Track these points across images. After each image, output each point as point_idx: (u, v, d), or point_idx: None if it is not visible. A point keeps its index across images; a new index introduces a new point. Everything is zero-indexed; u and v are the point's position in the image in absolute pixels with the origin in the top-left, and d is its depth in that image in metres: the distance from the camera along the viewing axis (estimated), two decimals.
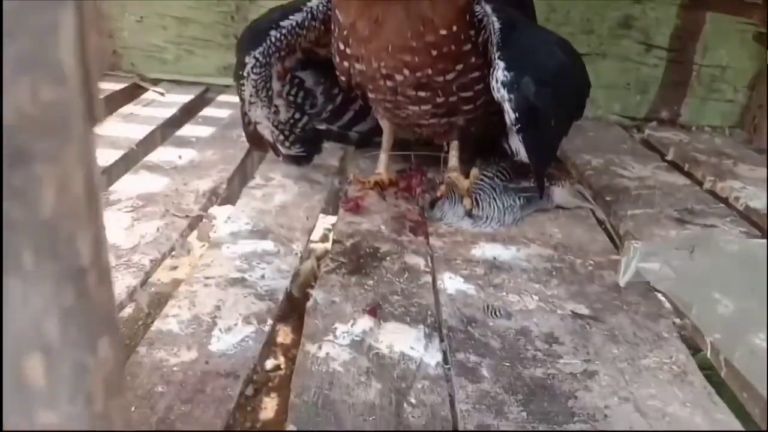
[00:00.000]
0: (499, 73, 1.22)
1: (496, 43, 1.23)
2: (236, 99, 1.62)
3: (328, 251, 1.45)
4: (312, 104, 1.69)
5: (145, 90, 2.42)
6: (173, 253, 1.26)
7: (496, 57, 1.23)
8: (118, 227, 1.30)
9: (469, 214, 1.41)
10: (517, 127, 1.25)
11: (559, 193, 1.54)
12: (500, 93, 1.23)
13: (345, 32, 1.34)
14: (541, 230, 1.43)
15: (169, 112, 2.16)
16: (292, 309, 1.14)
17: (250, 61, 1.44)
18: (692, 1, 2.40)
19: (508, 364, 0.95)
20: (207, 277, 1.13)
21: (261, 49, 1.43)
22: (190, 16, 2.48)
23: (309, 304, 1.06)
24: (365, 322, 1.01)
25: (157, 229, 1.30)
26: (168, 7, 2.47)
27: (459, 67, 1.33)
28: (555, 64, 1.27)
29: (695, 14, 2.42)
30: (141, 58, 2.54)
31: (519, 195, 1.47)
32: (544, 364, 0.96)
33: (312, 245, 1.73)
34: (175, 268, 1.29)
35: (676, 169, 2.01)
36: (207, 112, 2.19)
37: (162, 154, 1.75)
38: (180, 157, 1.72)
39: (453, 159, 1.51)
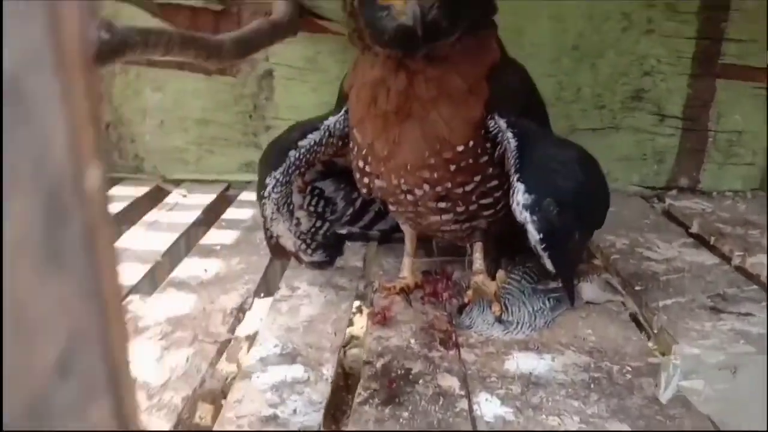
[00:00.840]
0: (520, 196, 1.23)
1: (514, 165, 1.24)
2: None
3: None
4: (332, 210, 1.71)
5: (168, 192, 2.47)
6: (204, 385, 1.26)
7: (515, 179, 1.24)
8: (149, 359, 1.30)
9: (499, 320, 1.40)
10: (542, 246, 1.25)
11: (588, 289, 1.53)
12: (522, 215, 1.24)
13: (364, 151, 1.37)
14: (573, 332, 1.41)
15: (192, 216, 2.19)
16: None
17: (270, 181, 1.47)
18: (702, 70, 2.42)
19: None
20: (239, 416, 1.12)
21: (281, 169, 1.46)
22: (209, 117, 2.55)
23: None
24: None
25: (187, 359, 1.30)
26: (187, 111, 2.55)
27: (477, 178, 1.34)
28: (575, 184, 1.28)
29: (706, 82, 2.44)
30: (163, 161, 2.61)
31: (548, 296, 1.45)
32: None
33: None
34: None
35: (702, 244, 1.98)
36: (229, 214, 2.22)
37: (188, 267, 1.76)
38: (206, 270, 1.73)
39: (477, 262, 1.51)
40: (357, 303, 1.75)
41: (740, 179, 2.53)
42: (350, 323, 1.88)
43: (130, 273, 1.72)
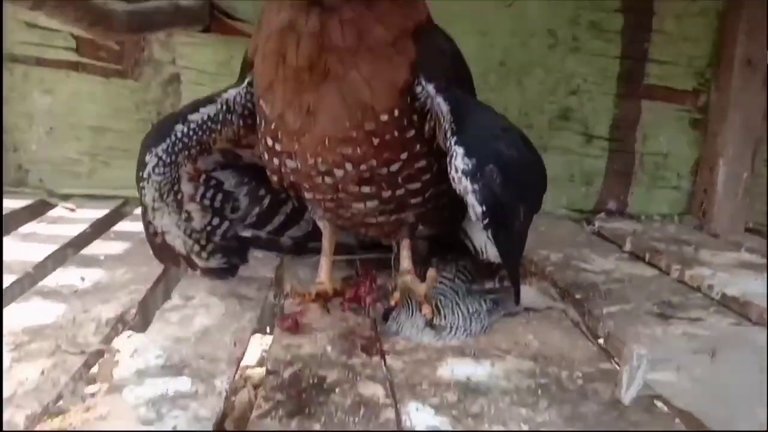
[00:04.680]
0: (459, 161, 1.05)
1: (450, 128, 1.07)
2: None
3: None
4: (234, 208, 1.48)
5: (53, 206, 2.16)
6: (60, 402, 0.98)
7: (453, 143, 1.06)
8: None
9: (430, 324, 1.20)
10: (485, 222, 1.07)
11: (527, 294, 1.36)
12: (462, 184, 1.05)
13: (272, 126, 1.16)
14: (514, 338, 1.23)
15: (77, 229, 1.90)
16: None
17: (151, 160, 1.24)
18: (627, 90, 2.40)
19: None
20: None
21: (164, 145, 1.24)
22: (106, 125, 2.28)
23: None
24: None
25: (42, 372, 1.02)
26: (81, 117, 2.27)
27: (404, 156, 1.16)
28: (518, 152, 1.12)
29: (631, 103, 2.41)
30: (51, 173, 2.30)
31: (484, 297, 1.28)
32: None
33: (248, 371, 1.47)
34: (59, 415, 0.99)
35: (638, 260, 1.88)
36: (122, 226, 1.95)
37: (61, 276, 1.48)
38: (83, 279, 1.45)
39: (405, 260, 1.32)
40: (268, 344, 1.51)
41: (667, 203, 2.49)
42: (262, 362, 1.64)
43: None
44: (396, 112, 1.11)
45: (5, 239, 1.79)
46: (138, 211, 2.11)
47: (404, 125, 1.13)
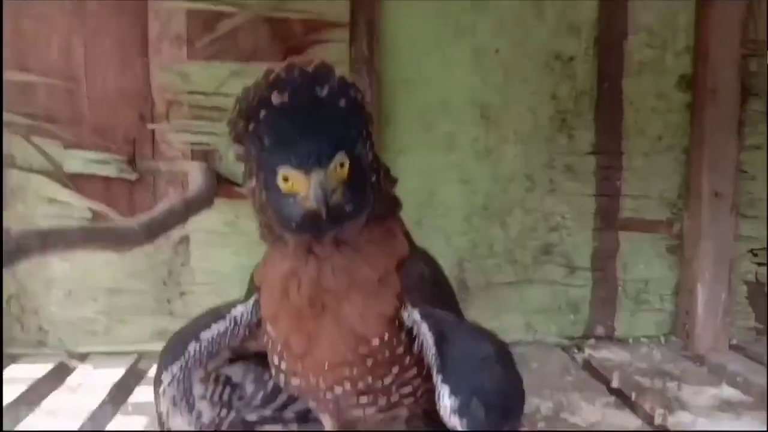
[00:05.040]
0: (446, 400, 1.20)
1: (436, 365, 1.23)
2: None
3: None
4: (240, 396, 1.62)
5: (72, 370, 2.30)
6: None
7: (439, 381, 1.22)
8: None
9: None
10: None
11: None
12: (452, 421, 1.20)
13: (278, 347, 1.32)
14: None
15: (97, 399, 2.03)
16: None
17: (166, 377, 1.38)
18: (604, 224, 2.57)
19: None
20: None
21: (179, 364, 1.38)
22: (120, 286, 2.45)
23: None
24: None
25: None
26: (97, 280, 2.44)
27: (395, 369, 1.31)
28: (498, 381, 1.26)
29: (609, 235, 2.58)
30: (69, 333, 2.45)
31: None
32: None
33: None
34: None
35: (623, 402, 2.00)
36: (138, 395, 2.08)
37: None
38: None
39: None
40: None
41: (652, 325, 2.63)
42: None
43: None
44: (386, 337, 1.27)
45: (30, 417, 1.93)
46: (151, 372, 2.28)
47: (394, 345, 1.28)
